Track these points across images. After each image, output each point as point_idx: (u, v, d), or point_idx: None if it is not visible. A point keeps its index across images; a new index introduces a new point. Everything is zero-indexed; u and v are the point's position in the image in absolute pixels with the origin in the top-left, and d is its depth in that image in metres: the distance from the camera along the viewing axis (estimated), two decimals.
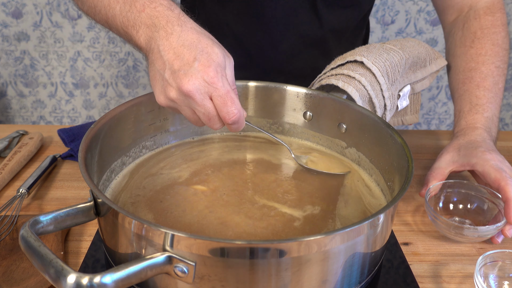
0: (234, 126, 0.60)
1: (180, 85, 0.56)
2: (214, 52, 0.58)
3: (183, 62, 0.57)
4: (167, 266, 0.48)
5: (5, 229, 0.66)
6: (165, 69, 0.57)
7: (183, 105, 0.58)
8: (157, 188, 0.67)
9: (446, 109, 2.11)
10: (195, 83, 0.56)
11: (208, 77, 0.56)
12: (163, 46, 0.58)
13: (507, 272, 0.60)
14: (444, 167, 0.75)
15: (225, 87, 0.57)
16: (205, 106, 0.57)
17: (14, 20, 1.84)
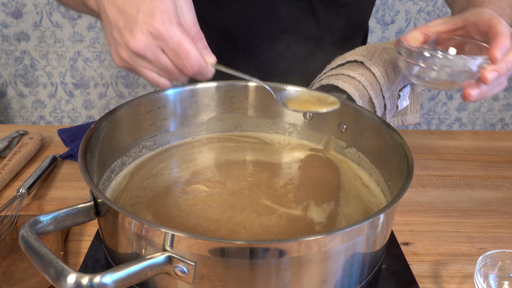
0: (197, 75, 0.56)
1: (128, 44, 0.53)
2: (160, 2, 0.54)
3: (127, 17, 0.53)
4: (167, 266, 0.48)
5: (5, 229, 0.66)
6: (112, 27, 0.54)
7: (138, 65, 0.55)
8: (158, 189, 0.67)
9: (446, 109, 2.11)
10: (142, 39, 0.53)
11: (154, 29, 0.53)
12: (107, 4, 0.55)
13: (507, 272, 0.60)
14: (432, 25, 0.67)
15: (175, 37, 0.53)
16: (160, 61, 0.54)
17: (14, 20, 1.84)
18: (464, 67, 0.59)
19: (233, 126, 0.81)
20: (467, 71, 0.59)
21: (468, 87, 0.61)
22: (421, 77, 0.63)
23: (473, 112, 2.13)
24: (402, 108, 0.85)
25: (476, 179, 0.85)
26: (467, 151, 0.95)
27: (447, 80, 0.61)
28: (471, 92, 0.61)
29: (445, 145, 0.96)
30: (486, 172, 0.88)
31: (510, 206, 0.79)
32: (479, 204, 0.79)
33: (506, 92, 2.09)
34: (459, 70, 0.59)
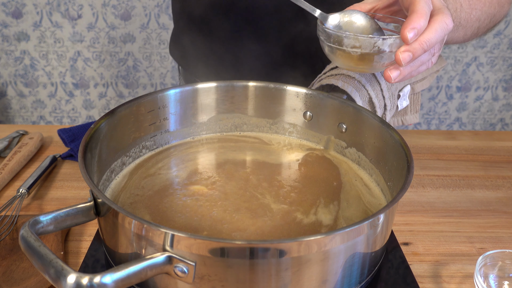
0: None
1: None
2: None
3: None
4: (167, 266, 0.48)
5: (5, 229, 0.66)
6: None
7: None
8: (156, 188, 0.67)
9: (446, 109, 2.12)
10: None
11: None
12: None
13: (507, 272, 0.60)
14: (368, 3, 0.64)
15: None
16: None
17: (14, 20, 1.84)
18: (374, 48, 0.56)
19: (233, 126, 0.81)
20: (380, 53, 0.56)
21: (387, 69, 0.59)
22: (335, 59, 0.61)
23: (473, 112, 2.13)
24: (402, 108, 0.85)
25: (476, 179, 0.85)
26: (467, 151, 0.95)
27: (360, 62, 0.59)
28: (390, 74, 0.58)
29: (445, 145, 0.96)
30: (486, 172, 0.88)
31: (510, 206, 0.79)
32: (479, 204, 0.79)
33: (506, 92, 2.09)
34: (371, 52, 0.57)
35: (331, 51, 0.62)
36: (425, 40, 0.56)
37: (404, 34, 0.55)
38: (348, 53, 0.57)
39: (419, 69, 0.60)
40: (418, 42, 0.56)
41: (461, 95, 2.09)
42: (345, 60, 0.60)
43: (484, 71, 2.04)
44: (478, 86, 2.07)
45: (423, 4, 0.56)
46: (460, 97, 2.09)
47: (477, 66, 2.03)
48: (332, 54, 0.63)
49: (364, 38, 0.56)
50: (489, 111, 2.13)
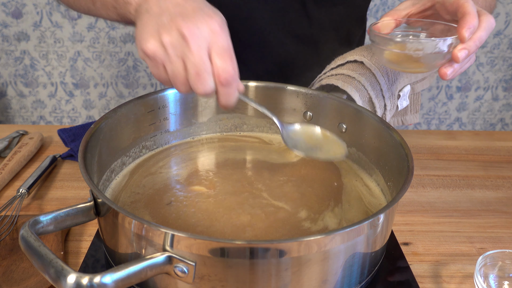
0: (225, 89, 0.52)
1: (180, 27, 0.50)
2: (218, 11, 0.53)
3: (186, 9, 0.52)
4: (167, 266, 0.48)
5: (5, 229, 0.66)
6: (163, 13, 0.52)
7: (173, 53, 0.51)
8: (156, 187, 0.67)
9: (446, 109, 2.12)
10: (199, 26, 0.50)
11: (214, 25, 0.51)
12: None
13: (507, 272, 0.60)
14: (402, 9, 0.69)
15: (229, 41, 0.52)
16: (200, 55, 0.50)
17: (14, 20, 1.84)
18: (435, 49, 0.62)
19: (233, 126, 0.81)
20: (439, 53, 0.62)
21: (443, 66, 0.64)
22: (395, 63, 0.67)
23: (473, 112, 2.13)
24: (402, 108, 0.85)
25: (476, 179, 0.85)
26: (467, 151, 0.95)
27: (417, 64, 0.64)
28: (446, 71, 0.64)
29: (445, 145, 0.96)
30: (486, 172, 0.88)
31: (510, 206, 0.79)
32: (479, 204, 0.79)
33: (506, 92, 2.09)
34: (431, 52, 0.62)
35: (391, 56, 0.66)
36: (478, 38, 0.62)
37: (462, 33, 0.61)
38: (410, 56, 0.63)
39: (465, 66, 0.66)
40: (472, 40, 0.62)
41: (461, 95, 2.09)
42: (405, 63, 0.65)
43: (484, 71, 2.04)
44: (478, 86, 2.07)
45: (472, 6, 0.62)
46: (460, 97, 2.09)
47: (477, 66, 2.03)
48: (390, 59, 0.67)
49: (426, 41, 0.62)
50: (489, 111, 2.13)
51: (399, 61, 0.66)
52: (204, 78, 0.51)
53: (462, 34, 0.61)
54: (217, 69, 0.51)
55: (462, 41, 0.62)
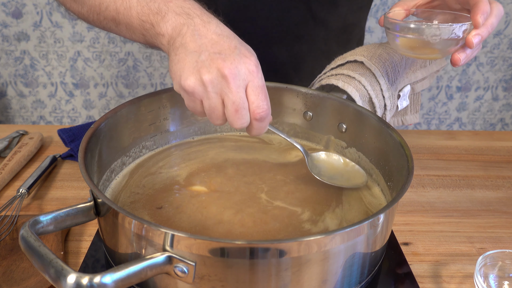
0: (259, 123, 0.56)
1: (221, 66, 0.53)
2: (251, 49, 0.56)
3: (223, 47, 0.54)
4: (167, 266, 0.48)
5: (5, 229, 0.66)
6: (202, 51, 0.54)
7: (212, 90, 0.54)
8: (156, 187, 0.67)
9: (446, 109, 2.12)
10: (238, 67, 0.53)
11: (250, 65, 0.54)
12: (199, 31, 0.55)
13: (507, 272, 0.60)
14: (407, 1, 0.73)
15: (263, 80, 0.55)
16: (239, 93, 0.54)
17: (14, 20, 1.84)
18: (451, 35, 0.64)
19: None
20: (454, 38, 0.65)
21: (456, 52, 0.67)
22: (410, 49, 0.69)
23: (473, 112, 2.13)
24: (402, 108, 0.85)
25: (476, 179, 0.85)
26: (467, 151, 0.95)
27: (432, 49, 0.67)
28: (460, 57, 0.67)
29: (445, 145, 0.96)
30: (486, 172, 0.88)
31: (510, 206, 0.79)
32: (479, 204, 0.79)
33: (506, 92, 2.09)
34: (448, 38, 0.65)
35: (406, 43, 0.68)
36: (490, 24, 0.65)
37: (476, 19, 0.63)
38: (426, 42, 0.65)
39: (474, 52, 0.68)
40: (484, 26, 0.65)
41: (461, 95, 2.09)
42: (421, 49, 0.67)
43: (484, 71, 2.04)
44: (478, 86, 2.07)
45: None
46: (460, 97, 2.09)
47: (477, 66, 2.02)
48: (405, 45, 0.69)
49: (444, 26, 0.64)
50: (489, 111, 2.13)
51: (414, 47, 0.68)
52: (242, 114, 0.55)
53: (477, 20, 0.63)
54: (253, 107, 0.55)
55: (476, 26, 0.64)
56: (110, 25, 0.66)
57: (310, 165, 0.69)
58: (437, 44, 0.66)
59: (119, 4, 0.62)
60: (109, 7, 0.64)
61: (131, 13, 0.61)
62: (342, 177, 0.69)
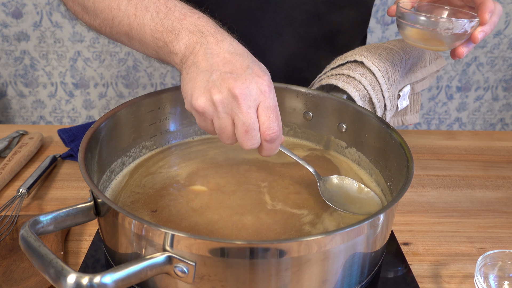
0: (269, 145, 0.56)
1: (231, 86, 0.52)
2: (265, 68, 0.56)
3: (235, 67, 0.54)
4: (167, 266, 0.48)
5: (5, 229, 0.66)
6: (213, 70, 0.53)
7: (222, 110, 0.54)
8: (157, 187, 0.67)
9: (446, 109, 2.11)
10: (249, 87, 0.52)
11: (262, 85, 0.53)
12: (212, 50, 0.55)
13: (507, 272, 0.60)
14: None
15: (275, 100, 0.55)
16: (250, 114, 0.53)
17: (14, 20, 1.84)
18: (462, 29, 0.67)
19: None
20: (463, 33, 0.68)
21: (462, 46, 0.70)
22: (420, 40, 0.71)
23: (473, 112, 2.13)
24: (402, 108, 0.85)
25: (476, 179, 0.85)
26: (467, 151, 0.95)
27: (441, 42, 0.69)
28: (463, 50, 0.70)
29: (445, 145, 0.96)
30: (486, 172, 0.88)
31: (510, 206, 0.79)
32: (479, 204, 0.79)
33: (506, 92, 2.09)
34: (458, 32, 0.67)
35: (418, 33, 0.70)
36: (493, 22, 0.68)
37: (484, 16, 0.66)
38: (438, 34, 0.68)
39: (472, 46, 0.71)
40: (488, 24, 0.68)
41: (461, 95, 2.09)
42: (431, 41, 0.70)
43: (484, 71, 2.04)
44: (478, 86, 2.07)
45: None
46: (460, 97, 2.09)
47: (477, 66, 2.02)
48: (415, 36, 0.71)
49: (457, 21, 0.67)
50: (489, 111, 2.13)
51: (425, 39, 0.70)
52: (252, 135, 0.54)
53: (485, 17, 0.66)
54: (263, 128, 0.55)
55: (483, 23, 0.67)
56: (122, 39, 0.65)
57: (322, 189, 0.66)
58: (447, 37, 0.68)
59: (133, 19, 0.61)
60: (122, 22, 0.63)
61: (145, 29, 0.60)
62: (355, 205, 0.66)
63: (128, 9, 0.61)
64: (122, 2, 0.62)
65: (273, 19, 0.94)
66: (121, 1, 0.62)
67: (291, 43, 0.97)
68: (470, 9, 0.72)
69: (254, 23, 0.95)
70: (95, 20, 0.67)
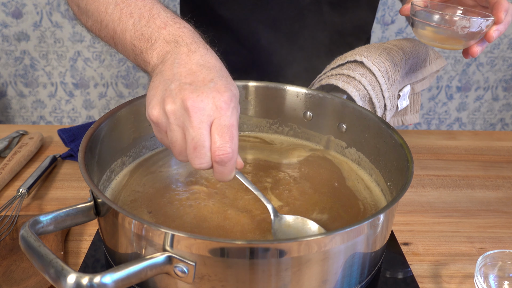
0: (220, 167, 0.51)
1: (185, 98, 0.49)
2: (233, 84, 0.53)
3: (197, 79, 0.51)
4: (167, 266, 0.48)
5: (5, 229, 0.66)
6: (173, 80, 0.51)
7: (174, 123, 0.50)
8: (157, 186, 0.67)
9: (446, 109, 2.11)
10: (204, 100, 0.49)
11: (220, 101, 0.50)
12: (180, 60, 0.53)
13: (507, 272, 0.60)
14: None
15: (232, 119, 0.50)
16: (200, 130, 0.49)
17: (14, 20, 1.84)
18: (478, 28, 0.67)
19: None
20: (479, 32, 0.68)
21: (476, 44, 0.70)
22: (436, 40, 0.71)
23: (473, 112, 2.13)
24: (402, 108, 0.85)
25: (476, 179, 0.85)
26: (467, 151, 0.95)
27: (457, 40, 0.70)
28: (477, 49, 0.70)
29: (445, 145, 0.96)
30: (486, 172, 0.88)
31: (510, 206, 0.79)
32: (479, 204, 0.79)
33: (506, 92, 2.09)
34: (474, 31, 0.68)
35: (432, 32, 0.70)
36: (507, 22, 0.69)
37: (500, 15, 0.67)
38: (456, 32, 0.68)
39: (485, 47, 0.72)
40: (503, 23, 0.68)
41: (461, 95, 2.09)
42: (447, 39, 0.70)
43: (484, 71, 2.04)
44: (478, 86, 2.07)
45: None
46: (460, 97, 2.09)
47: (477, 66, 2.03)
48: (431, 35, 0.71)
49: (474, 20, 0.67)
50: (489, 111, 2.13)
51: (440, 38, 0.70)
52: (201, 153, 0.50)
53: (501, 16, 0.67)
54: (214, 147, 0.50)
55: (498, 22, 0.68)
56: (110, 42, 0.64)
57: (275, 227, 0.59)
58: (463, 36, 0.68)
59: (117, 24, 0.60)
60: (108, 26, 0.62)
61: (125, 35, 0.59)
62: None
63: (114, 14, 0.61)
64: (110, 6, 0.61)
65: (276, 18, 0.94)
66: (108, 5, 0.62)
67: (295, 43, 0.97)
68: (482, 8, 0.72)
69: (257, 22, 0.95)
70: (87, 21, 0.67)
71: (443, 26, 0.68)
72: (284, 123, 0.80)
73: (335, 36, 0.98)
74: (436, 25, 0.69)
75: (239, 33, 0.97)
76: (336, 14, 0.96)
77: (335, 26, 0.97)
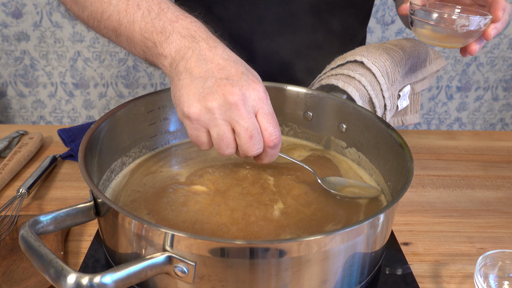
0: (272, 150, 0.56)
1: (227, 93, 0.51)
2: (258, 75, 0.55)
3: (230, 73, 0.53)
4: (167, 266, 0.48)
5: (5, 229, 0.66)
6: (208, 77, 0.52)
7: (220, 118, 0.52)
8: (157, 186, 0.67)
9: (446, 109, 2.11)
10: (246, 93, 0.52)
11: (259, 92, 0.53)
12: (205, 56, 0.53)
13: (507, 272, 0.60)
14: None
15: (271, 107, 0.54)
16: (251, 119, 0.52)
17: (14, 20, 1.84)
18: (477, 26, 0.67)
19: None
20: (477, 30, 0.68)
21: (474, 43, 0.70)
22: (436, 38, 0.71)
23: (473, 112, 2.13)
24: (402, 108, 0.85)
25: (476, 179, 0.86)
26: (467, 151, 0.95)
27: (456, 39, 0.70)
28: (475, 48, 0.70)
29: (445, 145, 0.96)
30: (486, 172, 0.88)
31: (510, 206, 0.79)
32: (479, 204, 0.79)
33: (506, 92, 2.09)
34: (473, 29, 0.68)
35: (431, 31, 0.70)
36: (505, 20, 0.69)
37: (498, 14, 0.67)
38: (455, 31, 0.68)
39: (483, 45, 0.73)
40: (501, 21, 0.69)
41: (461, 95, 2.09)
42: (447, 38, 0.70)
43: (484, 71, 2.04)
44: (478, 86, 2.07)
45: None
46: (460, 97, 2.09)
47: (477, 66, 2.03)
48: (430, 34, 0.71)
49: (473, 18, 0.67)
50: (489, 111, 2.13)
51: (439, 36, 0.70)
52: (257, 140, 0.54)
53: (498, 15, 0.67)
54: (266, 134, 0.54)
55: (496, 20, 0.68)
56: (110, 35, 0.63)
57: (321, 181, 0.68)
58: (462, 34, 0.69)
59: (123, 16, 0.60)
60: (111, 17, 0.61)
61: (134, 27, 0.59)
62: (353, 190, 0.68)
63: (119, 5, 0.60)
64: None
65: (275, 18, 0.94)
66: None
67: (292, 42, 0.97)
68: (479, 7, 0.73)
69: (255, 22, 0.95)
70: (83, 12, 0.65)
71: (442, 25, 0.68)
72: (284, 123, 0.80)
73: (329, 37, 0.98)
74: (435, 23, 0.69)
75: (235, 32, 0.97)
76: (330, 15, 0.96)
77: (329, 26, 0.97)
